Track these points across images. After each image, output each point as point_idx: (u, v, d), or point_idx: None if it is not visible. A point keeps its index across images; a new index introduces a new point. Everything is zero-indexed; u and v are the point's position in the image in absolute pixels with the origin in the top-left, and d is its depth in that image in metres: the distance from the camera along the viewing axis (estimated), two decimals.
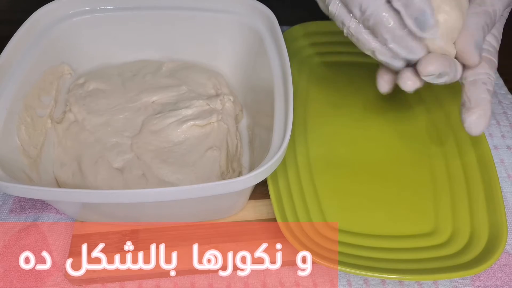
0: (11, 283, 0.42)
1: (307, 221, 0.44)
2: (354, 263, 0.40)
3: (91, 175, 0.44)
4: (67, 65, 0.50)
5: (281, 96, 0.42)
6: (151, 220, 0.45)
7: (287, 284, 0.43)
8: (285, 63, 0.43)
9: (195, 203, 0.40)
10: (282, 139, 0.38)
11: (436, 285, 0.43)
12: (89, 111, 0.49)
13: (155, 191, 0.36)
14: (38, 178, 0.43)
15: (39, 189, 0.36)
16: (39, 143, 0.45)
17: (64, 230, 0.45)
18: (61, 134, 0.48)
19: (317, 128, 0.52)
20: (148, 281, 0.43)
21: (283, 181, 0.46)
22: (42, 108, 0.47)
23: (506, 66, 0.64)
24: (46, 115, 0.47)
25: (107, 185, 0.44)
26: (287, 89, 0.41)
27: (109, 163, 0.45)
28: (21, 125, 0.43)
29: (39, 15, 0.47)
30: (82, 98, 0.49)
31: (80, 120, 0.48)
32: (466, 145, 0.49)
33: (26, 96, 0.44)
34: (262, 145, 0.43)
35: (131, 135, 0.47)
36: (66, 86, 0.51)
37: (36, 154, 0.44)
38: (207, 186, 0.36)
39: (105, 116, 0.48)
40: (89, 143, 0.47)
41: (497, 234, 0.42)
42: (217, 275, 0.43)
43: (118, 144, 0.47)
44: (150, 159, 0.45)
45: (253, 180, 0.36)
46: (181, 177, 0.44)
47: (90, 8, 0.50)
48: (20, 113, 0.43)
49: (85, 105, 0.49)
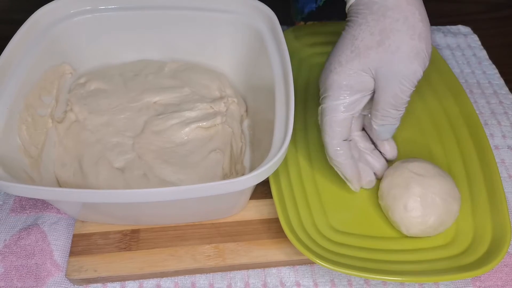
0: (11, 283, 0.42)
1: (309, 221, 0.44)
2: (354, 264, 0.40)
3: (92, 175, 0.44)
4: (68, 64, 0.50)
5: (282, 95, 0.41)
6: (152, 221, 0.45)
7: (287, 284, 0.43)
8: (285, 62, 0.43)
9: (196, 203, 0.40)
10: (283, 139, 0.38)
11: (437, 285, 0.43)
12: (90, 111, 0.48)
13: (155, 191, 0.36)
14: (39, 177, 0.43)
15: (40, 189, 0.36)
16: (40, 143, 0.45)
17: (65, 230, 0.45)
18: (62, 134, 0.48)
19: (317, 127, 0.51)
20: (149, 280, 0.43)
21: (285, 180, 0.46)
22: (43, 108, 0.47)
23: (506, 66, 0.64)
24: (47, 114, 0.47)
25: (108, 185, 0.44)
26: (288, 89, 0.41)
27: (110, 163, 0.45)
28: (22, 125, 0.43)
29: (40, 15, 0.47)
30: (83, 98, 0.49)
31: (81, 120, 0.48)
32: (467, 146, 0.49)
33: (27, 96, 0.44)
34: (263, 145, 0.43)
35: (133, 135, 0.47)
36: (67, 85, 0.51)
37: (37, 153, 0.44)
38: (208, 186, 0.36)
39: (106, 116, 0.48)
40: (90, 143, 0.47)
41: (500, 235, 0.42)
42: (217, 275, 0.43)
43: (120, 144, 0.46)
44: (152, 159, 0.45)
45: (254, 180, 0.36)
46: (183, 177, 0.44)
47: (91, 8, 0.50)
48: (21, 113, 0.43)
49: (87, 105, 0.49)
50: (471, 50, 0.65)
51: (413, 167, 0.44)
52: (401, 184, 0.43)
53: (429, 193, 0.42)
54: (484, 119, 0.57)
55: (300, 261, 0.44)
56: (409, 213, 0.42)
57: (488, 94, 0.60)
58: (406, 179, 0.43)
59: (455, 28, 0.69)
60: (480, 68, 0.63)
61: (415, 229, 0.42)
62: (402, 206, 0.42)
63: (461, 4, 0.76)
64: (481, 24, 0.72)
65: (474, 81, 0.61)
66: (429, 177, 0.43)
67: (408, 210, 0.42)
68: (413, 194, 0.42)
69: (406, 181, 0.43)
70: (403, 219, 0.42)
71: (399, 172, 0.44)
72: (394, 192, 0.43)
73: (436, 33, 0.67)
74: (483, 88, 0.60)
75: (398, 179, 0.44)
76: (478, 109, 0.58)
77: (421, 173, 0.43)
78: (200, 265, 0.43)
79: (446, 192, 0.43)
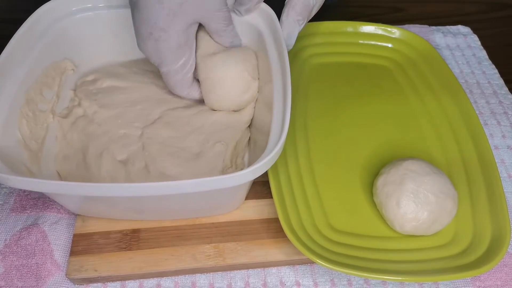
0: (12, 282, 0.42)
1: (309, 221, 0.44)
2: (354, 264, 0.40)
3: (94, 167, 0.45)
4: (69, 60, 0.51)
5: (280, 93, 0.42)
6: (151, 216, 0.45)
7: (287, 283, 0.43)
8: (284, 61, 0.43)
9: (191, 197, 0.41)
10: (279, 136, 0.38)
11: (437, 285, 0.43)
12: (101, 105, 0.49)
13: (150, 185, 0.36)
14: (39, 171, 0.43)
15: (40, 181, 0.36)
16: (40, 137, 0.46)
17: (65, 229, 0.46)
18: (66, 128, 0.48)
19: (317, 127, 0.52)
20: (149, 280, 0.43)
21: (285, 180, 0.46)
22: (44, 103, 0.47)
23: (506, 67, 0.64)
24: (48, 109, 0.47)
25: (110, 177, 0.44)
26: (286, 87, 0.41)
27: (113, 155, 0.45)
28: (23, 119, 0.43)
29: (42, 12, 0.48)
30: (93, 94, 0.50)
31: (90, 114, 0.48)
32: (467, 146, 0.49)
33: (28, 91, 0.45)
34: (259, 143, 0.43)
35: (142, 126, 0.47)
36: (68, 81, 0.51)
37: (37, 148, 0.45)
38: (203, 181, 0.36)
39: (118, 109, 0.49)
40: (96, 135, 0.47)
41: (500, 235, 0.42)
42: (217, 274, 0.44)
43: (126, 135, 0.47)
44: (156, 151, 0.45)
45: (250, 176, 0.36)
46: (183, 170, 0.44)
47: (92, 5, 0.50)
48: (22, 108, 0.44)
49: (97, 100, 0.49)
50: (470, 50, 0.66)
51: (407, 165, 0.44)
52: (394, 181, 0.43)
53: (422, 190, 0.43)
54: (484, 119, 0.57)
55: (300, 261, 0.44)
56: (402, 209, 0.42)
57: (488, 94, 0.60)
58: (400, 176, 0.44)
59: (454, 28, 0.69)
60: (480, 68, 0.63)
61: (409, 226, 0.43)
62: (394, 203, 0.43)
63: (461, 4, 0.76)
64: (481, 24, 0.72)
65: (473, 81, 0.61)
66: (423, 174, 0.43)
67: (400, 207, 0.42)
68: (405, 190, 0.43)
69: (400, 178, 0.43)
70: (396, 216, 0.43)
71: (394, 169, 0.44)
72: (387, 189, 0.44)
73: (435, 33, 0.68)
74: (482, 88, 0.60)
75: (393, 177, 0.44)
76: (477, 109, 0.58)
77: (415, 170, 0.44)
78: (200, 265, 0.43)
79: (439, 189, 0.43)
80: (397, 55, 0.60)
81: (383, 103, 0.54)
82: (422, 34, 0.66)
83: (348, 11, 0.74)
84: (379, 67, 0.59)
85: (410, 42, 0.59)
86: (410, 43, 0.59)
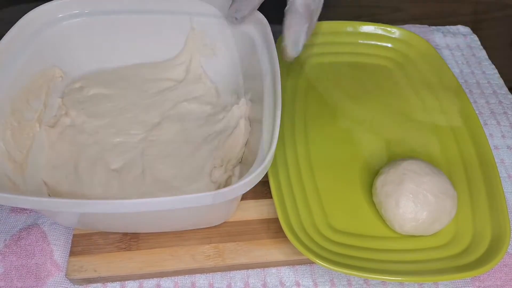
0: (12, 283, 0.42)
1: (309, 221, 0.44)
2: (354, 264, 0.40)
3: (86, 177, 0.44)
4: (58, 68, 0.49)
5: (270, 103, 0.41)
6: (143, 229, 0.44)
7: (287, 283, 0.43)
8: (275, 70, 0.42)
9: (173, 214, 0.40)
10: (266, 153, 0.37)
11: (436, 285, 0.43)
12: (89, 115, 0.48)
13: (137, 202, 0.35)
14: (23, 183, 0.42)
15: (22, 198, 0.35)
16: (26, 148, 0.44)
17: (65, 230, 0.46)
18: (54, 138, 0.47)
19: (317, 126, 0.52)
20: (149, 280, 0.43)
21: (285, 180, 0.46)
22: (30, 112, 0.45)
23: (506, 67, 0.64)
24: (34, 119, 0.46)
25: (103, 187, 0.43)
26: (276, 96, 0.40)
27: (107, 164, 0.45)
28: (7, 130, 0.42)
29: (30, 18, 0.46)
30: (79, 103, 0.49)
31: (78, 124, 0.48)
32: (467, 146, 0.49)
33: (13, 100, 0.43)
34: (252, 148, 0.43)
35: (144, 130, 0.47)
36: (56, 89, 0.49)
37: (22, 158, 0.43)
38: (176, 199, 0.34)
39: (108, 118, 0.48)
40: (87, 145, 0.46)
41: (500, 235, 0.42)
42: (217, 275, 0.44)
43: (122, 143, 0.46)
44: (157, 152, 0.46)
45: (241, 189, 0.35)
46: (176, 172, 0.44)
47: (80, 12, 0.49)
48: (7, 117, 0.42)
49: (84, 109, 0.48)
50: (470, 50, 0.66)
51: (407, 165, 0.44)
52: (394, 181, 0.44)
53: (421, 190, 0.43)
54: (484, 119, 0.57)
55: (299, 261, 0.44)
56: (401, 209, 0.42)
57: (488, 94, 0.60)
58: (399, 176, 0.44)
59: (454, 28, 0.69)
60: (480, 68, 0.63)
61: (408, 226, 0.43)
62: (394, 203, 0.43)
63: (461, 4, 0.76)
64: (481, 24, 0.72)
65: (473, 81, 0.61)
66: (422, 174, 0.43)
67: (400, 207, 0.42)
68: (405, 190, 0.43)
69: (399, 178, 0.44)
70: (395, 216, 0.43)
71: (393, 169, 0.44)
72: (386, 189, 0.44)
73: (435, 33, 0.68)
74: (482, 88, 0.60)
75: (392, 177, 0.44)
76: (477, 109, 0.58)
77: (414, 170, 0.44)
78: (200, 265, 0.43)
79: (438, 189, 0.43)
80: (397, 55, 0.60)
81: (383, 103, 0.54)
82: (422, 34, 0.66)
83: (348, 11, 0.74)
84: (379, 67, 0.59)
85: (410, 42, 0.59)
86: (410, 43, 0.59)
